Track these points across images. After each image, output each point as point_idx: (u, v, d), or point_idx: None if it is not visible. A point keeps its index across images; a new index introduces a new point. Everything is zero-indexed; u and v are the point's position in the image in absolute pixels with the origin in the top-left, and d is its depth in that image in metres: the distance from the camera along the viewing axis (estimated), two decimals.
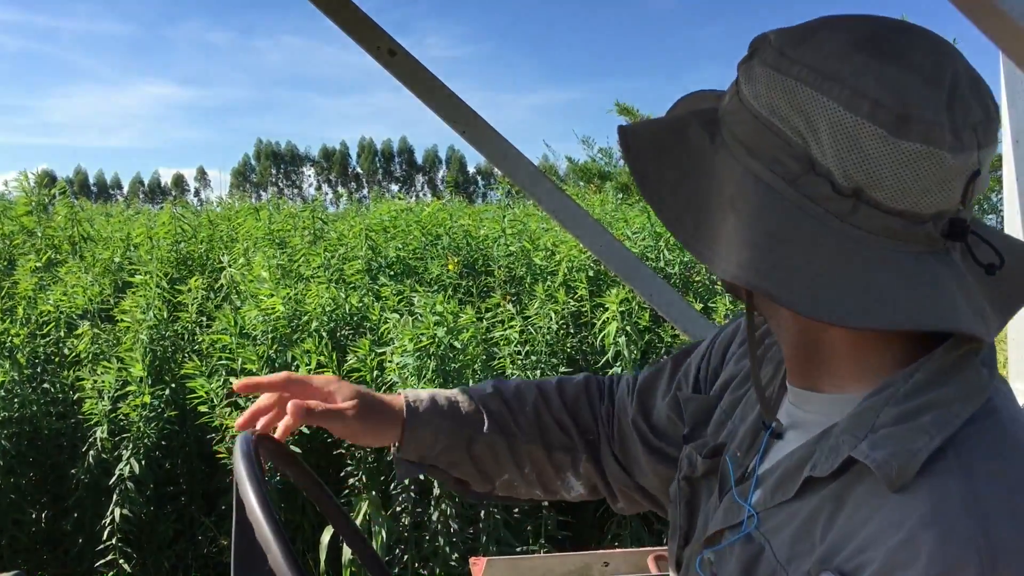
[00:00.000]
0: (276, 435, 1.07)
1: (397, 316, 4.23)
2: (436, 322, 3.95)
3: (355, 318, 4.63)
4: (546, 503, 4.04)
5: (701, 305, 4.81)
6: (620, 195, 10.04)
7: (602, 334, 4.36)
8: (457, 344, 3.99)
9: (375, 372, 4.09)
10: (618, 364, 4.15)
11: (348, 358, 4.15)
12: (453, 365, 3.96)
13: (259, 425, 1.09)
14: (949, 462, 0.66)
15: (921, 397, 0.70)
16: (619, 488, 1.18)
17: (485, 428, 1.14)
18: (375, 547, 3.32)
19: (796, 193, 0.70)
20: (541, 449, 1.16)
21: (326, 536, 3.87)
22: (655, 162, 0.78)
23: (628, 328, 4.18)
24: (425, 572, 3.89)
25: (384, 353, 4.09)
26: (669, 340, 4.68)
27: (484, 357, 4.13)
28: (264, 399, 1.10)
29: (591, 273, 4.99)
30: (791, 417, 0.85)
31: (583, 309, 4.82)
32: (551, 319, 4.32)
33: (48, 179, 6.33)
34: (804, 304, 0.68)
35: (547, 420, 1.17)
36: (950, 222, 0.70)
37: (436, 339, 3.90)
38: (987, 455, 0.66)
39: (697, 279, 5.40)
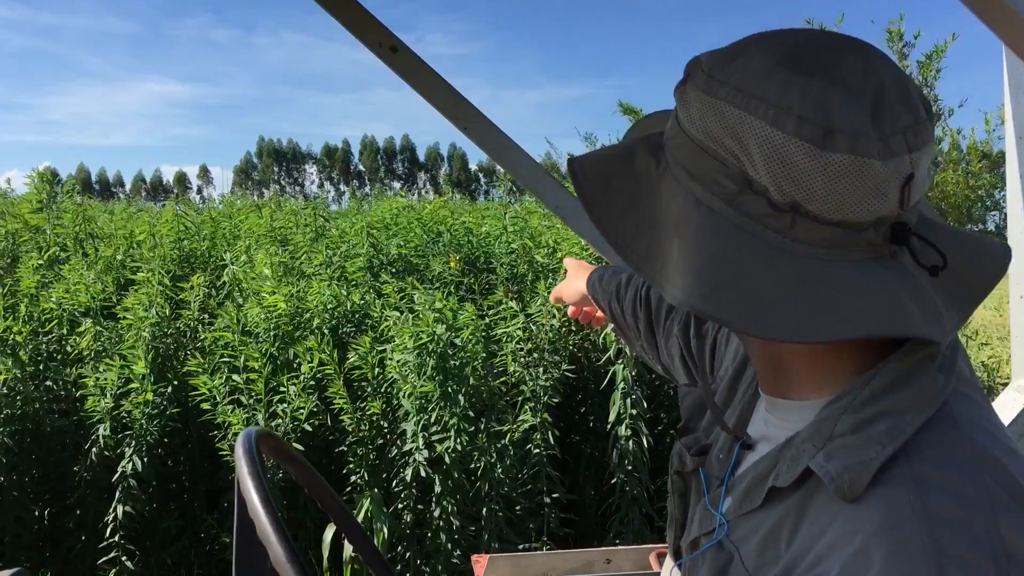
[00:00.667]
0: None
1: (397, 313, 4.23)
2: (435, 319, 3.95)
3: (357, 315, 4.63)
4: (548, 500, 4.05)
5: None
6: None
7: (604, 332, 4.36)
8: (457, 342, 3.99)
9: (376, 369, 4.10)
10: (620, 361, 4.15)
11: (350, 355, 4.16)
12: (454, 362, 3.96)
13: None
14: (900, 470, 0.67)
15: (876, 405, 0.71)
16: (670, 368, 1.32)
17: (611, 299, 1.45)
18: (376, 544, 3.32)
19: (736, 212, 0.72)
20: (632, 318, 1.39)
21: (328, 534, 3.88)
22: (603, 191, 0.79)
23: None
24: (427, 569, 3.89)
25: (385, 350, 4.09)
26: None
27: (484, 355, 4.13)
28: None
29: None
30: (766, 423, 0.87)
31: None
32: (554, 316, 4.31)
33: (55, 178, 6.34)
34: (749, 324, 0.69)
35: (638, 295, 1.38)
36: (892, 227, 0.72)
37: (435, 336, 3.90)
38: (937, 463, 0.67)
39: None
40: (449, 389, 3.90)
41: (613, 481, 4.13)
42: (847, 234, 0.70)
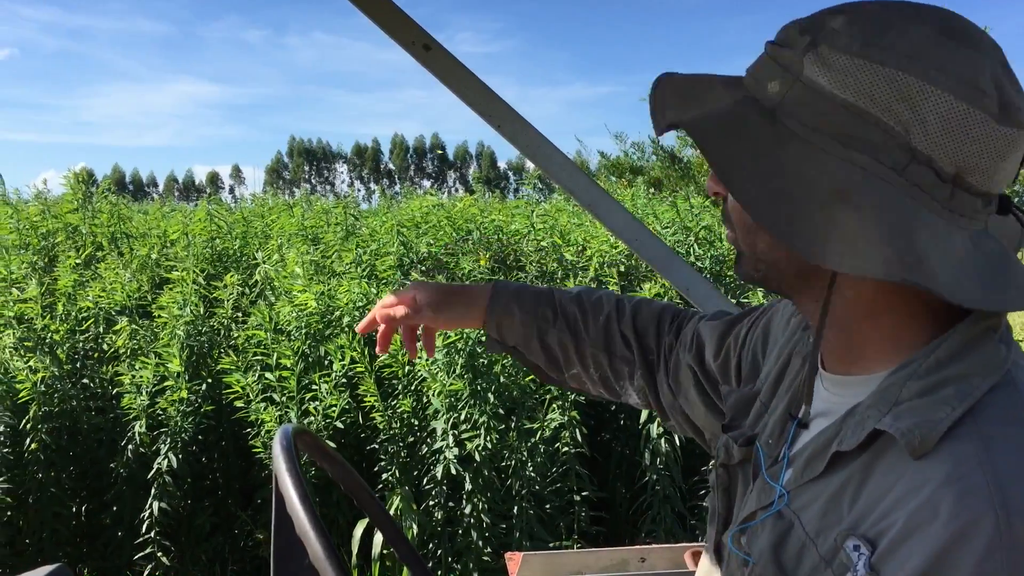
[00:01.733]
0: (377, 347, 1.40)
1: None
2: None
3: None
4: (578, 497, 4.04)
5: (734, 300, 4.76)
6: (651, 190, 10.00)
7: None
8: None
9: (406, 367, 4.11)
10: None
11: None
12: (482, 361, 3.96)
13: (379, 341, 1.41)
14: (967, 428, 0.69)
15: (942, 372, 0.73)
16: (668, 408, 1.27)
17: (555, 325, 1.30)
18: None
19: (906, 182, 0.71)
20: (605, 355, 1.28)
21: (359, 529, 3.90)
22: (729, 155, 0.77)
23: None
24: (458, 567, 3.90)
25: None
26: None
27: None
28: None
29: (622, 269, 4.96)
30: (824, 402, 0.87)
31: None
32: None
33: (91, 178, 6.43)
34: (955, 292, 0.70)
35: (614, 330, 1.28)
36: (999, 198, 0.76)
37: (464, 335, 3.90)
38: (1003, 422, 0.70)
39: (729, 273, 5.35)
40: (478, 387, 3.90)
41: (645, 480, 4.11)
42: (984, 205, 0.73)
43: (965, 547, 0.63)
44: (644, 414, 4.10)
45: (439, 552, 3.95)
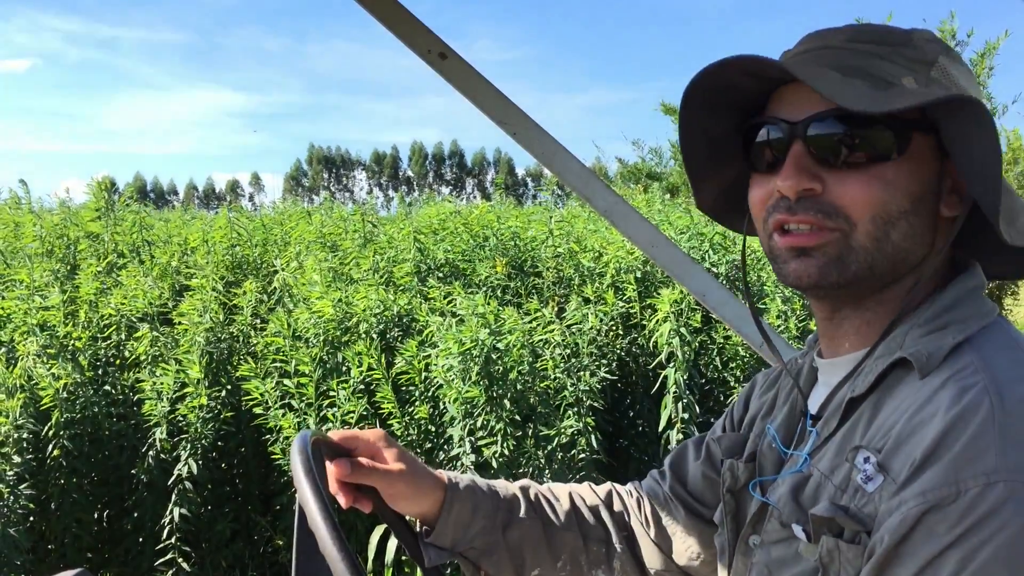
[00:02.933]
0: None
1: (440, 319, 4.24)
2: (479, 324, 3.95)
3: (404, 320, 4.66)
4: None
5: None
6: (667, 196, 9.99)
7: (654, 335, 4.33)
8: (500, 346, 3.98)
9: (423, 374, 4.11)
10: (671, 365, 4.11)
11: (396, 360, 4.18)
12: (497, 367, 3.95)
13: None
14: (964, 348, 0.80)
15: (940, 320, 0.84)
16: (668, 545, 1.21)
17: (523, 511, 1.15)
18: None
19: None
20: (579, 538, 1.17)
21: (375, 536, 3.91)
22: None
23: (681, 329, 4.14)
24: None
25: (430, 355, 4.11)
26: (721, 341, 4.62)
27: (530, 359, 4.12)
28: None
29: (639, 275, 4.95)
30: (827, 387, 0.94)
31: (632, 311, 4.79)
32: (588, 320, 4.28)
33: (113, 186, 6.47)
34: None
35: (584, 511, 1.19)
36: None
37: (479, 342, 3.90)
38: (996, 344, 0.80)
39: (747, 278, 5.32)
40: (494, 394, 3.90)
41: None
42: None
43: (963, 427, 0.71)
44: (663, 420, 4.09)
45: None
